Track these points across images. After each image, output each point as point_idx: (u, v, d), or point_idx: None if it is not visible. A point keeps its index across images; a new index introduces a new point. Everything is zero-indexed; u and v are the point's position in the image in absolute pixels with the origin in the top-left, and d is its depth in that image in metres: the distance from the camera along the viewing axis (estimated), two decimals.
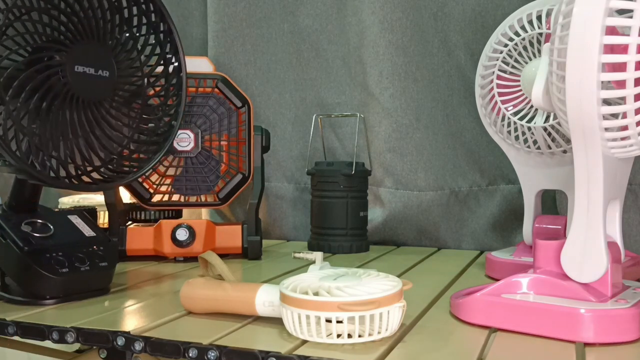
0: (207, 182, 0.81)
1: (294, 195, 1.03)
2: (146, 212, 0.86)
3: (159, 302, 0.55)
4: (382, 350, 0.41)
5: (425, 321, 0.49)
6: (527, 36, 0.62)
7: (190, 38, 1.08)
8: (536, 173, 0.66)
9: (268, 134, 0.85)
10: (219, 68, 0.97)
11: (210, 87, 0.81)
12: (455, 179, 0.92)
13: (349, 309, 0.41)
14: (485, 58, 0.67)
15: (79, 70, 0.52)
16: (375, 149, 0.93)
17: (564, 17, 0.42)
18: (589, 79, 0.40)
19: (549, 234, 0.65)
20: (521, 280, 0.48)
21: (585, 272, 0.46)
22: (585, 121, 0.42)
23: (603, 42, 0.40)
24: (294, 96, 1.02)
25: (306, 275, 0.47)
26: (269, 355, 0.40)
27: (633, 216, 0.77)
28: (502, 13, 0.84)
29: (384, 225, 0.94)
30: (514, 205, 0.89)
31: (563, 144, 0.61)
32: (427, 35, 0.90)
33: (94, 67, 0.54)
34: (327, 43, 0.99)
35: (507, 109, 0.64)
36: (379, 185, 0.94)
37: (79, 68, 0.52)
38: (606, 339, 0.43)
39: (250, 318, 0.49)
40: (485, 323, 0.46)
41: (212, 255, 0.55)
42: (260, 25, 1.01)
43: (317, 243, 0.87)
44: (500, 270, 0.65)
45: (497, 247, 0.87)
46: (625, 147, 0.43)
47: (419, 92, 0.90)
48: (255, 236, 0.80)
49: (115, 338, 0.45)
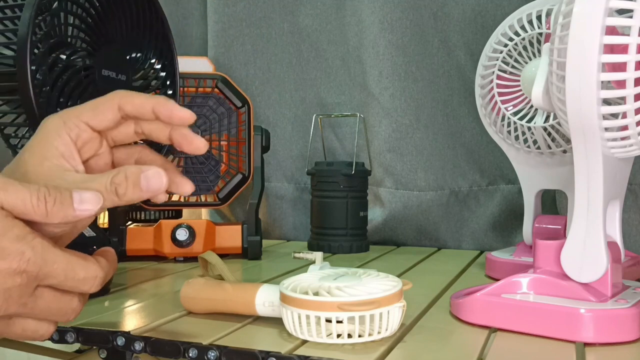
0: (207, 182, 0.81)
1: (294, 195, 1.03)
2: (146, 212, 0.86)
3: (159, 302, 0.55)
4: (382, 350, 0.41)
5: (425, 321, 0.49)
6: (527, 36, 0.62)
7: (190, 38, 1.08)
8: (536, 173, 0.66)
9: (268, 134, 0.85)
10: (219, 68, 0.97)
11: (210, 87, 0.81)
12: (455, 179, 0.92)
13: (349, 309, 0.41)
14: (485, 58, 0.67)
15: (104, 74, 0.54)
16: (375, 149, 0.93)
17: (564, 17, 0.42)
18: (589, 79, 0.40)
19: (549, 234, 0.65)
20: (521, 280, 0.48)
21: (585, 272, 0.46)
22: (585, 121, 0.42)
23: (603, 42, 0.40)
24: (294, 96, 1.02)
25: (306, 275, 0.47)
26: (269, 355, 0.40)
27: (633, 216, 0.77)
28: (502, 13, 0.84)
29: (384, 225, 0.94)
30: (514, 205, 0.89)
31: (563, 144, 0.61)
32: (427, 35, 0.90)
33: (115, 71, 0.55)
34: (327, 43, 0.99)
35: (507, 109, 0.64)
36: (379, 185, 0.94)
37: (105, 72, 0.54)
38: (606, 339, 0.43)
39: (250, 318, 0.49)
40: (485, 323, 0.46)
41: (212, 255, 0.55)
42: (260, 25, 1.01)
43: (317, 243, 0.87)
44: (500, 270, 0.65)
45: (497, 247, 0.86)
46: (625, 147, 0.43)
47: (419, 92, 0.90)
48: (255, 236, 0.80)
49: (115, 338, 0.45)
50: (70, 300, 0.37)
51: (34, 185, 0.34)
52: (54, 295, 0.36)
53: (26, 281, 0.33)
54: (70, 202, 0.35)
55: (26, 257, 0.33)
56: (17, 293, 0.33)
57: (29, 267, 0.33)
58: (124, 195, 0.36)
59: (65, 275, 0.35)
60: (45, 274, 0.34)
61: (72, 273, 0.35)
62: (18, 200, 0.33)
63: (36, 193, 0.34)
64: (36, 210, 0.34)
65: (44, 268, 0.34)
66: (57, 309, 0.36)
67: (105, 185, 0.36)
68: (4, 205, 0.33)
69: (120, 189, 0.36)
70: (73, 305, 0.37)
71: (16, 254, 0.33)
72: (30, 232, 0.34)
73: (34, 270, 0.33)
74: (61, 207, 0.35)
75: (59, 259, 0.35)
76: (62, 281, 0.35)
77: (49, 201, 0.34)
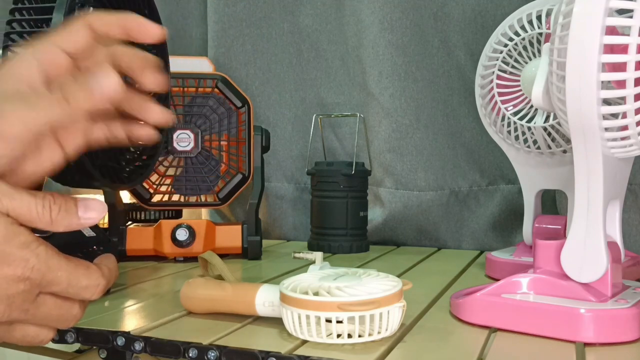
0: (207, 182, 0.81)
1: (294, 195, 1.03)
2: (146, 212, 0.86)
3: (159, 302, 0.55)
4: (382, 350, 0.41)
5: (425, 321, 0.49)
6: (527, 36, 0.62)
7: (190, 38, 1.08)
8: (536, 173, 0.66)
9: (268, 134, 0.85)
10: (219, 68, 0.97)
11: (210, 87, 0.81)
12: (455, 179, 0.92)
13: (349, 309, 0.41)
14: (485, 58, 0.67)
15: None
16: (375, 149, 0.93)
17: (564, 17, 0.42)
18: (589, 79, 0.40)
19: (549, 234, 0.65)
20: (521, 280, 0.48)
21: (585, 272, 0.46)
22: (585, 121, 0.42)
23: (603, 42, 0.40)
24: (294, 96, 1.02)
25: (306, 275, 0.47)
26: (269, 355, 0.40)
27: (633, 216, 0.77)
28: (502, 13, 0.84)
29: (384, 225, 0.94)
30: (514, 205, 0.89)
31: (563, 144, 0.61)
32: (427, 35, 0.90)
33: None
34: (327, 43, 0.99)
35: (507, 109, 0.64)
36: (379, 185, 0.94)
37: None
38: (606, 339, 0.43)
39: (250, 318, 0.49)
40: (485, 323, 0.46)
41: (212, 255, 0.56)
42: (260, 25, 1.01)
43: (317, 243, 0.87)
44: (500, 270, 0.65)
45: (497, 247, 0.86)
46: (625, 147, 0.43)
47: (419, 92, 0.90)
48: (255, 236, 0.80)
49: (115, 338, 0.45)
50: (71, 307, 0.37)
51: (40, 193, 0.34)
52: (56, 302, 0.36)
53: (29, 288, 0.34)
54: (75, 211, 0.35)
55: (30, 264, 0.33)
56: (20, 299, 0.34)
57: (32, 274, 0.33)
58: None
59: (68, 282, 0.35)
60: (48, 281, 0.34)
61: (74, 280, 0.35)
62: (23, 207, 0.34)
63: (41, 201, 0.34)
64: (41, 218, 0.34)
65: (47, 275, 0.34)
66: (58, 316, 0.36)
67: None
68: (10, 213, 0.33)
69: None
70: (74, 312, 0.37)
71: (21, 260, 0.33)
72: (35, 240, 0.34)
73: (37, 277, 0.34)
74: (66, 215, 0.35)
75: (62, 266, 0.35)
76: (64, 288, 0.35)
77: (53, 209, 0.34)
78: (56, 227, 0.35)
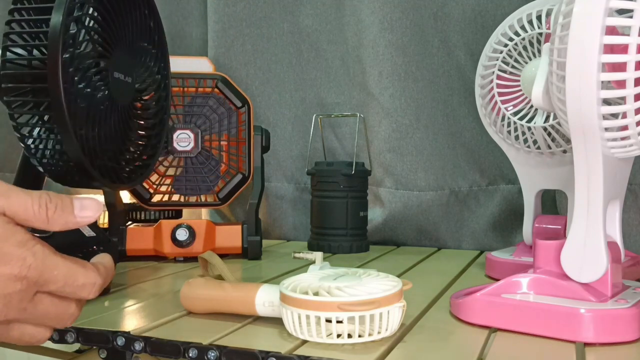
0: (207, 182, 0.81)
1: (294, 195, 1.03)
2: (146, 212, 0.86)
3: (159, 302, 0.55)
4: (382, 350, 0.41)
5: (425, 321, 0.49)
6: (527, 36, 0.62)
7: (190, 38, 1.08)
8: (536, 173, 0.66)
9: (268, 134, 0.85)
10: (219, 68, 0.97)
11: (210, 87, 0.81)
12: (455, 179, 0.92)
13: (349, 309, 0.41)
14: (485, 58, 0.67)
15: (116, 76, 0.54)
16: (375, 149, 0.93)
17: (564, 17, 0.42)
18: (589, 79, 0.40)
19: (549, 234, 0.65)
20: (521, 280, 0.48)
21: (585, 272, 0.46)
22: (585, 121, 0.42)
23: (603, 42, 0.40)
24: (294, 96, 1.02)
25: (306, 275, 0.47)
26: (269, 355, 0.40)
27: (633, 216, 0.77)
28: (502, 13, 0.84)
29: (384, 225, 0.94)
30: (514, 205, 0.89)
31: (563, 144, 0.61)
32: (427, 35, 0.90)
33: (124, 74, 0.55)
34: (327, 43, 0.99)
35: (507, 109, 0.64)
36: (379, 185, 0.94)
37: (116, 74, 0.54)
38: (606, 339, 0.43)
39: (250, 318, 0.49)
40: (485, 323, 0.46)
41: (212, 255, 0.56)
42: (260, 25, 1.01)
43: (317, 243, 0.87)
44: (500, 270, 0.65)
45: (497, 247, 0.87)
46: (625, 147, 0.43)
47: (419, 92, 0.90)
48: (255, 236, 0.80)
49: (115, 338, 0.45)
50: (68, 306, 0.37)
51: (36, 192, 0.34)
52: (53, 301, 0.36)
53: (26, 287, 0.34)
54: (71, 209, 0.35)
55: (27, 263, 0.33)
56: (17, 298, 0.34)
57: (29, 273, 0.33)
58: None
59: (64, 281, 0.35)
60: (45, 280, 0.34)
61: (71, 279, 0.35)
62: (20, 206, 0.34)
63: (37, 200, 0.34)
64: (37, 216, 0.34)
65: (44, 274, 0.34)
66: (55, 315, 0.36)
67: None
68: (6, 212, 0.33)
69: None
70: (71, 311, 0.37)
71: (18, 259, 0.33)
72: (32, 239, 0.34)
73: (34, 276, 0.34)
74: (62, 214, 0.35)
75: (59, 265, 0.35)
76: (61, 287, 0.35)
77: (50, 208, 0.34)
78: (52, 225, 0.35)
